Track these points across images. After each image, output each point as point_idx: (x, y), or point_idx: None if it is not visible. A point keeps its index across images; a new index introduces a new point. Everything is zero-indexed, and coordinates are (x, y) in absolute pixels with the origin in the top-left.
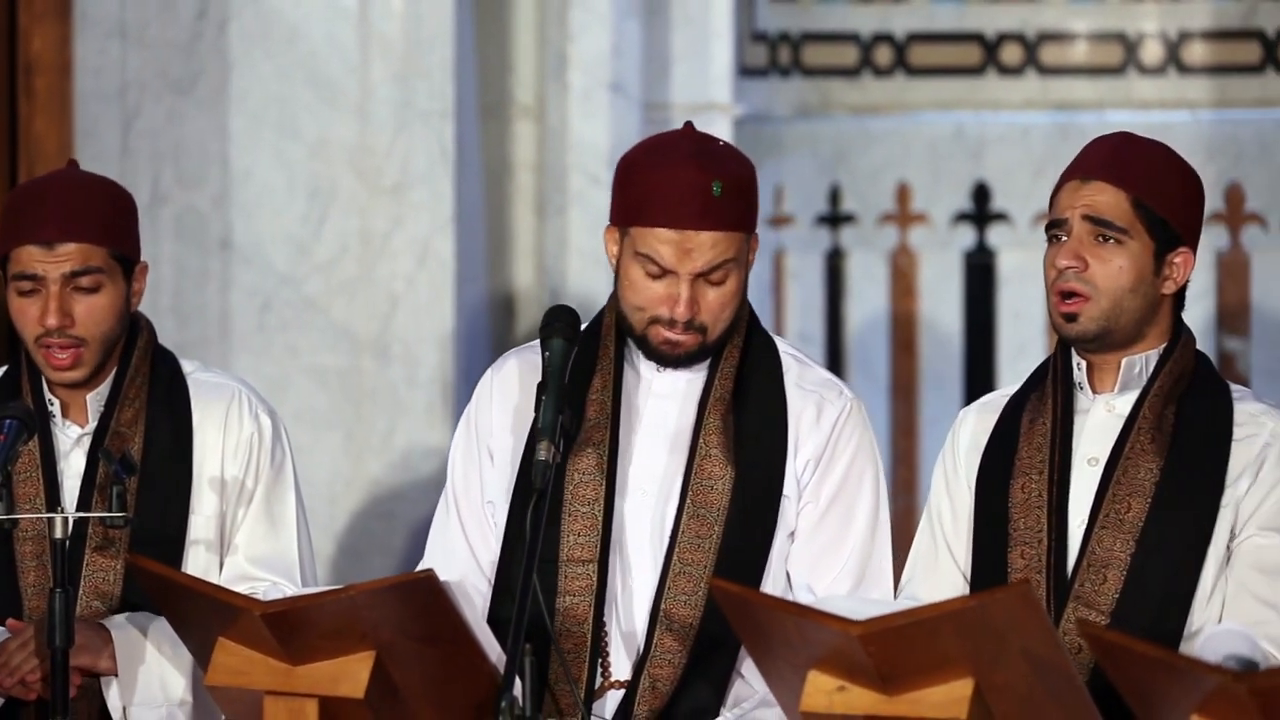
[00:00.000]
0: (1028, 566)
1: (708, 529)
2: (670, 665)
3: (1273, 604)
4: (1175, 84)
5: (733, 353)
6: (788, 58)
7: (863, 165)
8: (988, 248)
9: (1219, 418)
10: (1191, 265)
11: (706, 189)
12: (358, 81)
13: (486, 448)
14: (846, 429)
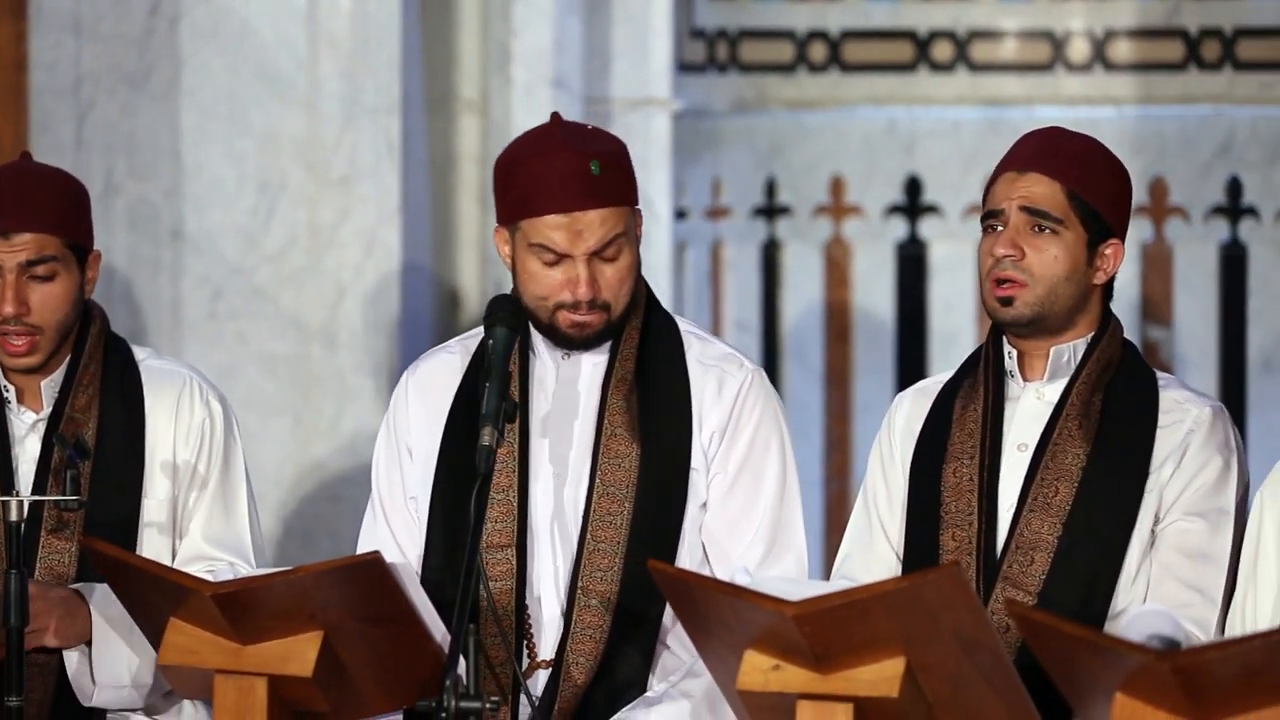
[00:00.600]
0: (958, 548)
1: (618, 506)
2: (592, 641)
3: (1195, 586)
4: (1101, 81)
5: (632, 334)
6: (725, 54)
7: (798, 159)
8: (919, 239)
9: (1145, 405)
10: (1121, 256)
11: (585, 169)
12: (306, 77)
13: (405, 446)
14: (749, 400)
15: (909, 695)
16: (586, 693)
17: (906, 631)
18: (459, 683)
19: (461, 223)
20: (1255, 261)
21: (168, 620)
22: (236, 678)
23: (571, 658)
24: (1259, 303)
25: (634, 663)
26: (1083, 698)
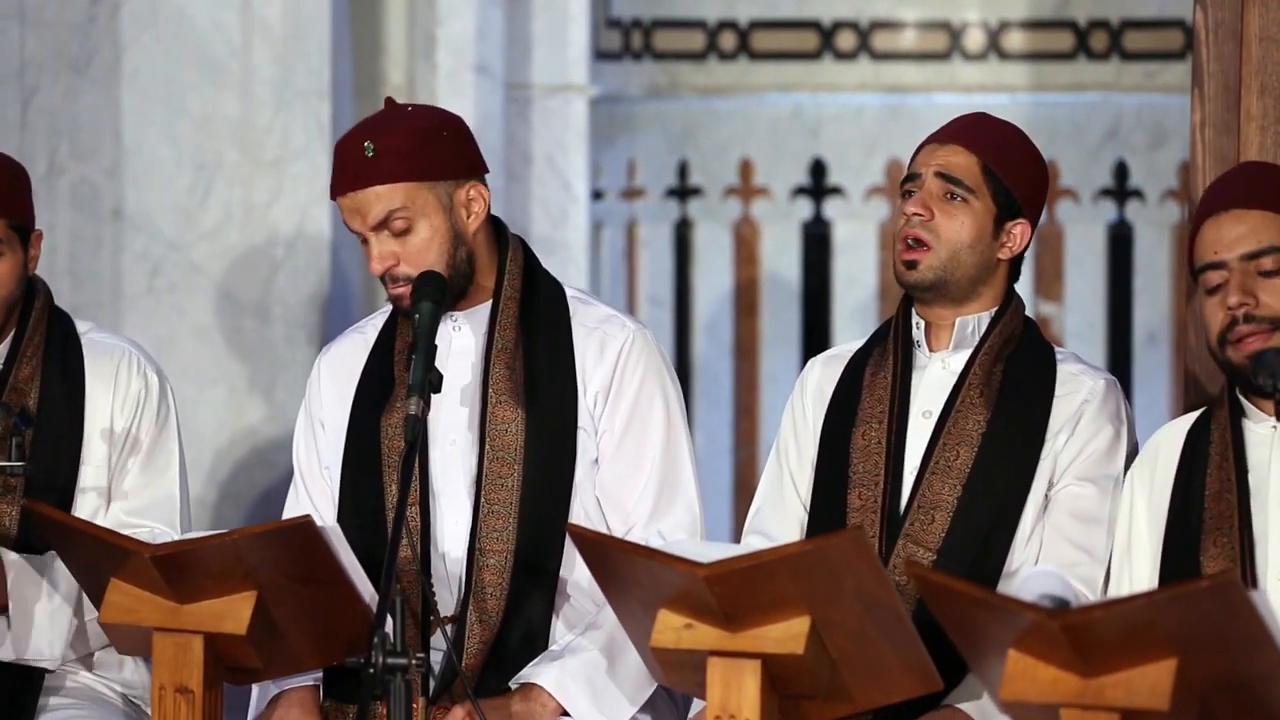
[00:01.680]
0: (864, 506)
1: (508, 469)
2: (493, 598)
3: (1085, 548)
4: (995, 69)
5: (509, 305)
6: (639, 42)
7: (709, 142)
8: (824, 219)
9: (1042, 376)
10: (1028, 237)
11: (360, 151)
12: (240, 63)
13: (319, 420)
14: (631, 359)
15: (814, 652)
16: (493, 646)
17: (811, 592)
18: (386, 640)
19: None
20: (1141, 241)
21: (108, 580)
22: (174, 635)
23: (474, 615)
24: (1144, 280)
25: (535, 617)
26: (978, 653)
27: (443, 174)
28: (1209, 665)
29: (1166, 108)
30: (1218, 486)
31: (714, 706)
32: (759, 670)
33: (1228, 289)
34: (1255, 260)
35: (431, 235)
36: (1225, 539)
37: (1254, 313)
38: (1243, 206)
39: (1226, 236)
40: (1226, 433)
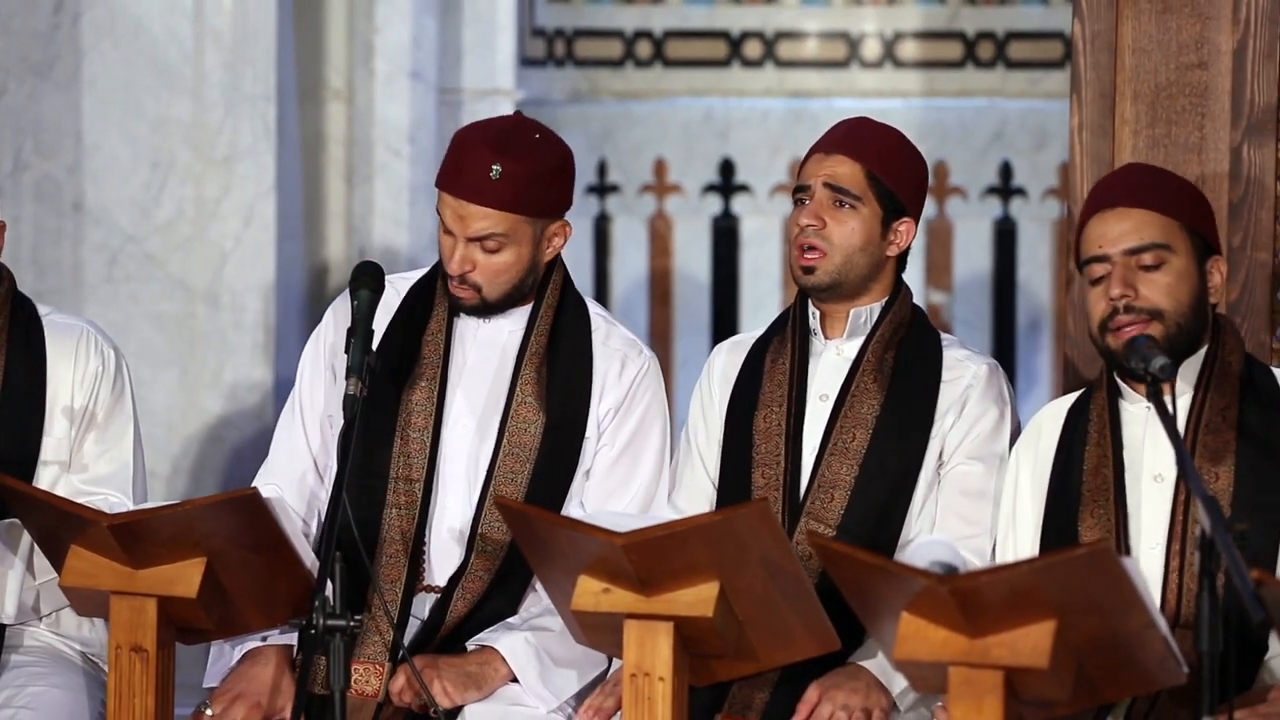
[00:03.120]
0: (767, 485)
1: (520, 465)
2: (480, 580)
3: (973, 520)
4: (891, 76)
5: (548, 312)
6: (562, 50)
7: (626, 143)
8: (732, 214)
9: (930, 362)
10: (913, 233)
11: (486, 170)
12: (193, 68)
13: (331, 366)
14: (643, 385)
15: (722, 615)
16: (463, 619)
17: (720, 559)
18: (326, 603)
19: (330, 198)
20: (1024, 235)
21: (69, 547)
22: (129, 598)
23: (460, 591)
24: (1026, 271)
25: (507, 599)
26: (874, 617)
27: (546, 213)
28: (1085, 626)
29: (1048, 113)
30: (1095, 462)
31: (630, 665)
32: (671, 631)
33: (1110, 281)
34: (1137, 255)
35: (514, 262)
36: (1102, 510)
37: (1133, 304)
38: (1128, 205)
39: (1111, 232)
40: (1104, 413)
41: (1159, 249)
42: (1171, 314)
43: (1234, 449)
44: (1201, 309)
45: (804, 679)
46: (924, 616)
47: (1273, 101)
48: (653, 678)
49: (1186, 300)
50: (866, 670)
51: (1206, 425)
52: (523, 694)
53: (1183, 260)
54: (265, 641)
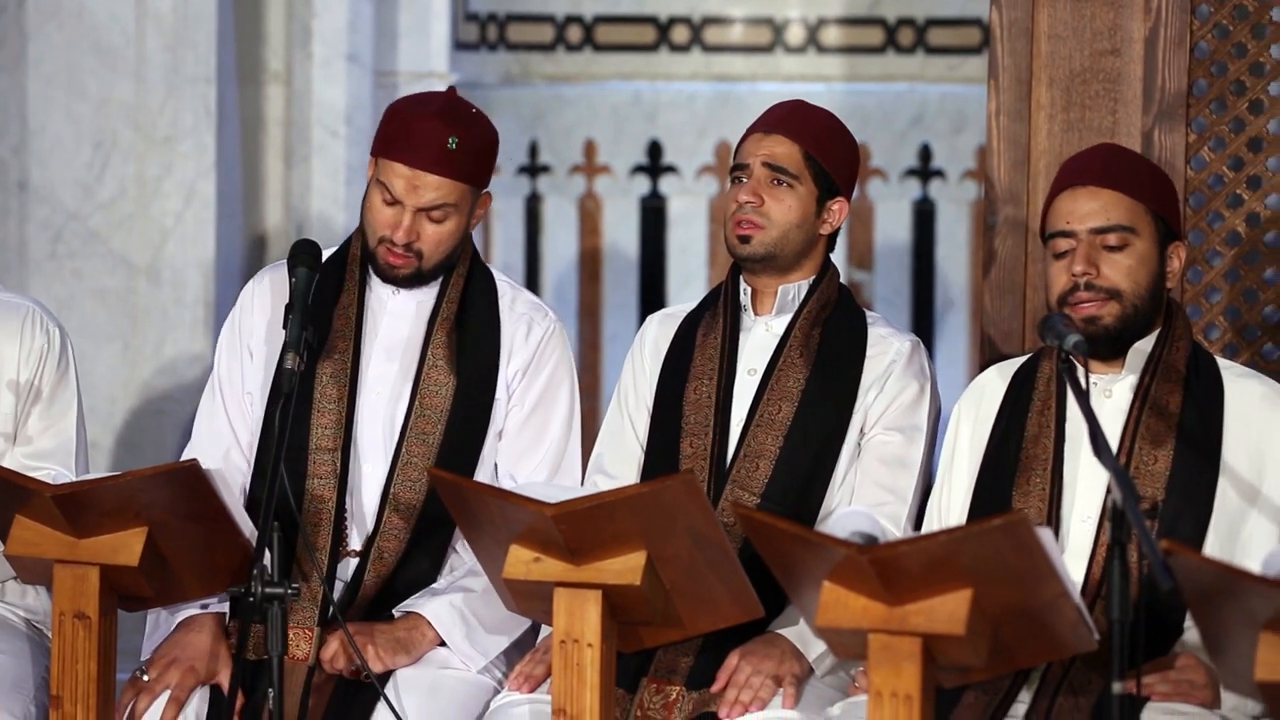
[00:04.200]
0: (694, 454)
1: (431, 427)
2: (396, 539)
3: (891, 489)
4: (814, 61)
5: (458, 280)
6: (495, 34)
7: (557, 125)
8: (660, 194)
9: (855, 338)
10: (845, 213)
11: (444, 141)
12: (135, 51)
13: (247, 346)
14: (550, 346)
15: (649, 583)
16: (387, 581)
17: (647, 529)
18: (264, 572)
19: (268, 177)
20: (942, 216)
21: (14, 517)
22: (73, 566)
23: (376, 551)
24: (945, 251)
25: (427, 561)
26: (796, 585)
27: (484, 183)
28: (1001, 595)
29: (966, 97)
30: (1036, 430)
31: (559, 632)
32: (600, 599)
33: (1074, 257)
34: (1102, 235)
35: (455, 231)
36: (1038, 479)
37: (1094, 282)
38: (1098, 185)
39: (1080, 209)
40: (1052, 382)
41: (1124, 231)
42: (1129, 295)
43: (1174, 434)
44: (1158, 293)
45: (728, 645)
46: (844, 585)
47: (1183, 88)
48: (581, 644)
49: (1145, 283)
50: (784, 638)
51: (1150, 408)
52: (451, 656)
53: (1145, 244)
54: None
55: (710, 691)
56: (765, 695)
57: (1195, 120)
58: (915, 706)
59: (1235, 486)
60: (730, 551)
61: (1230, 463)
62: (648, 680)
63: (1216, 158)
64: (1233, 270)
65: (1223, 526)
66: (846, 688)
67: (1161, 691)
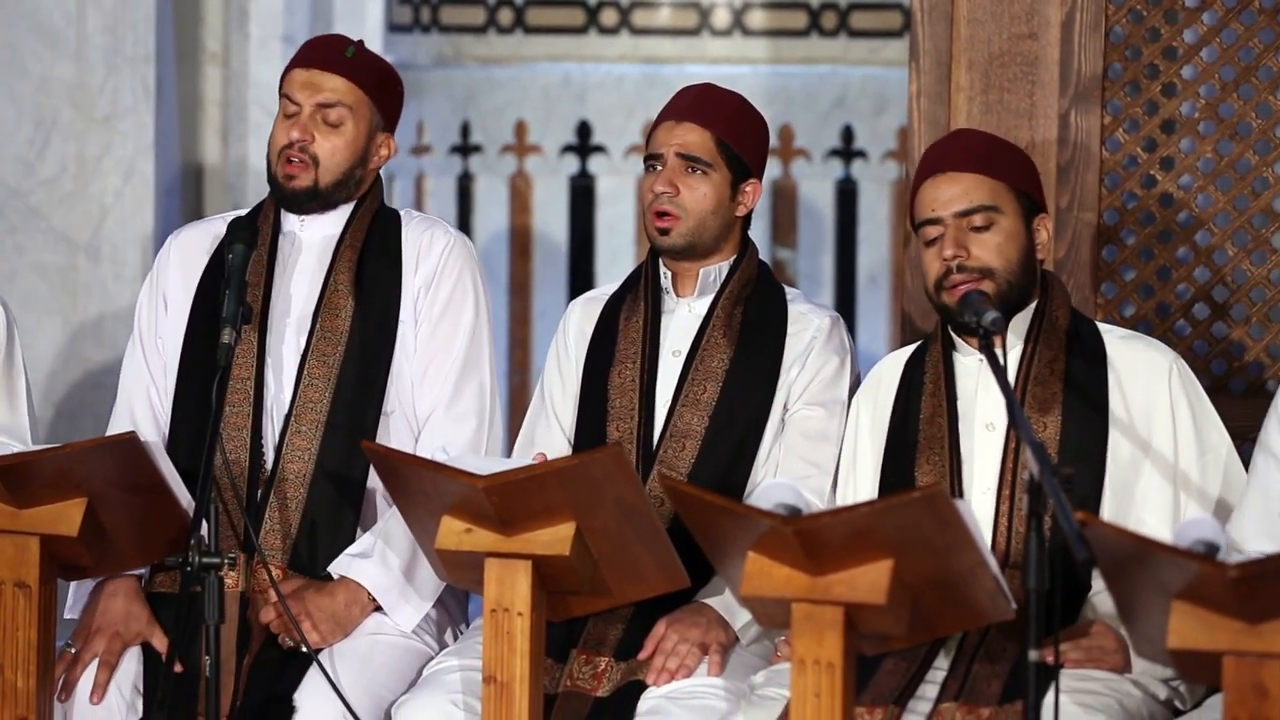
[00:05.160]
0: (621, 438)
1: (332, 348)
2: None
3: (813, 462)
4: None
5: (365, 214)
6: (428, 17)
7: (488, 106)
8: (589, 174)
9: (777, 316)
10: (759, 194)
11: (341, 48)
12: (75, 31)
13: (162, 294)
14: (451, 258)
15: (578, 554)
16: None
17: (577, 501)
18: (202, 542)
19: (206, 156)
20: (864, 195)
21: None
22: (14, 536)
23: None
24: (867, 229)
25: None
26: (721, 556)
27: (384, 111)
28: (921, 565)
29: (887, 79)
30: (931, 411)
31: (490, 601)
32: (530, 569)
33: (943, 242)
34: (967, 217)
35: (349, 144)
36: (937, 457)
37: (965, 263)
38: (957, 169)
39: (943, 196)
40: (939, 365)
41: (988, 210)
42: (1002, 271)
43: (1061, 399)
44: (1030, 265)
45: (655, 615)
46: (769, 555)
47: (1098, 71)
48: (512, 613)
49: (1015, 258)
50: (710, 607)
51: (1035, 377)
52: (384, 622)
53: (1010, 220)
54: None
55: (638, 660)
56: (691, 663)
57: (1110, 103)
58: (837, 674)
59: (1126, 444)
60: (657, 523)
61: (1119, 421)
62: (577, 651)
63: (1131, 139)
64: (1146, 249)
65: (1117, 484)
66: (770, 656)
67: (1075, 658)
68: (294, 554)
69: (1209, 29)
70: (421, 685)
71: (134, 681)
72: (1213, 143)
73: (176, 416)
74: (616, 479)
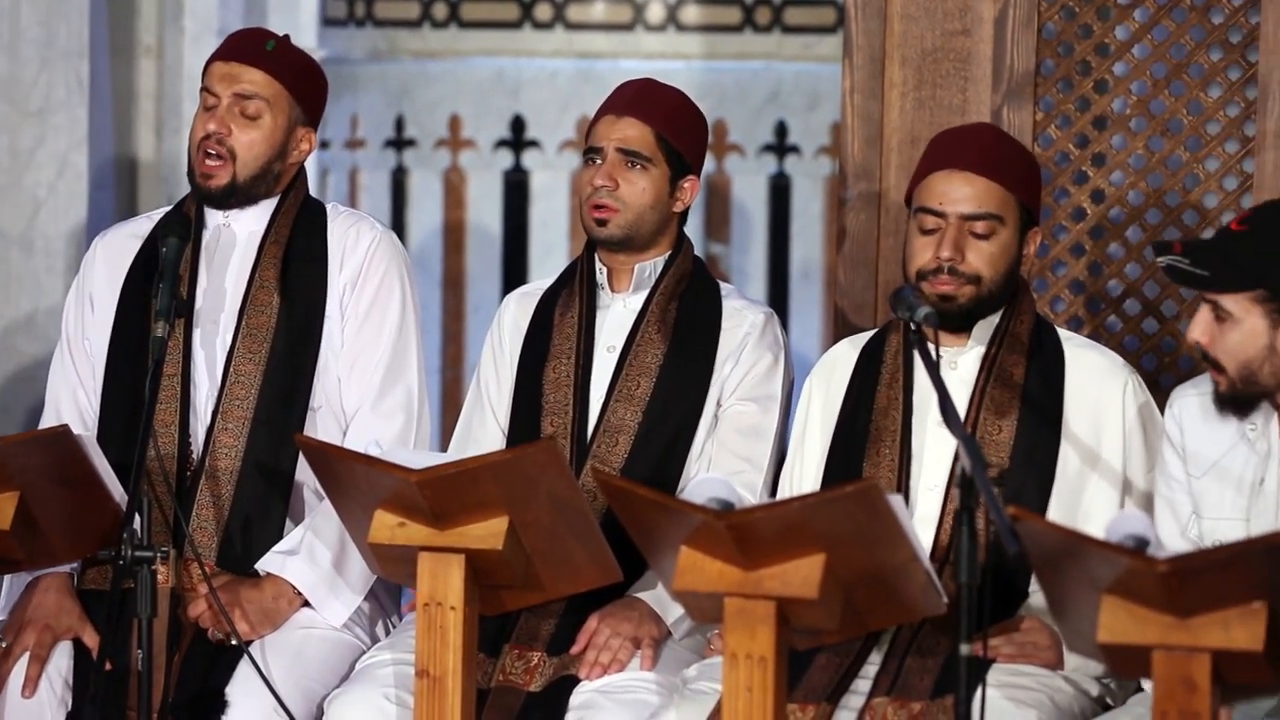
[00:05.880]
0: (556, 432)
1: (259, 345)
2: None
3: (746, 457)
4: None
5: (289, 209)
6: (362, 11)
7: (422, 100)
8: (523, 168)
9: (710, 312)
10: (697, 190)
11: (261, 41)
12: (9, 24)
13: (89, 296)
14: (378, 254)
15: (511, 547)
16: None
17: (510, 495)
18: (134, 536)
19: (140, 149)
20: (798, 191)
21: None
22: None
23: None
24: (800, 225)
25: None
26: (654, 550)
27: (303, 104)
28: (853, 560)
29: (821, 75)
30: (885, 403)
31: (423, 595)
32: (463, 563)
33: (942, 239)
34: (971, 222)
35: (266, 137)
36: (887, 450)
37: (958, 267)
38: (976, 171)
39: (954, 193)
40: (899, 356)
41: (993, 219)
42: (988, 281)
43: (1018, 405)
44: (1013, 276)
45: (588, 610)
46: (701, 550)
47: (1031, 67)
48: (445, 607)
49: (1003, 269)
50: (643, 601)
51: (995, 380)
52: (315, 616)
53: (1009, 232)
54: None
55: (570, 654)
56: (624, 657)
57: (1043, 99)
58: (769, 668)
59: (1076, 454)
60: (590, 516)
61: (1071, 431)
62: (509, 646)
63: (1063, 135)
64: (1078, 245)
65: (1065, 492)
66: (702, 650)
67: (1007, 653)
68: (223, 551)
69: (1141, 26)
70: (354, 679)
71: (65, 676)
72: (1144, 139)
73: (106, 414)
74: (550, 473)
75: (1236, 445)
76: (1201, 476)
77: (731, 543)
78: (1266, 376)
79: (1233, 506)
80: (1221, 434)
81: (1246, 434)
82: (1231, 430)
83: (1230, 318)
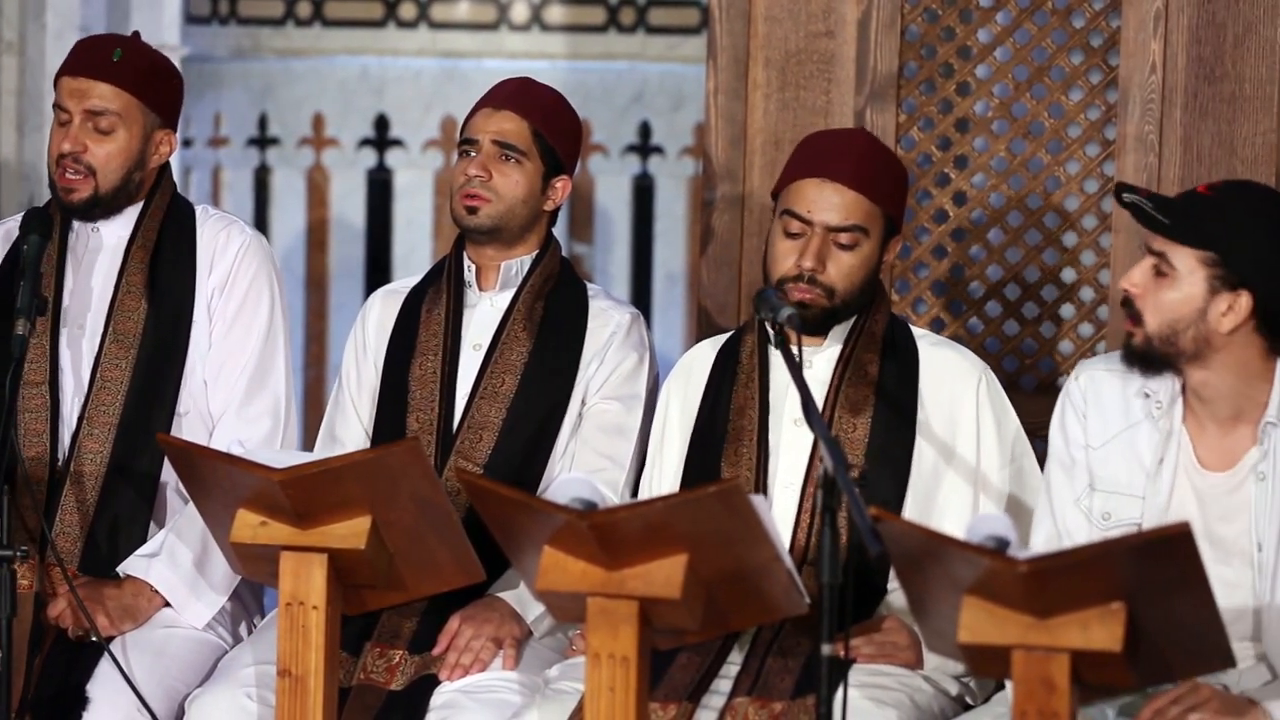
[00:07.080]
0: (420, 428)
1: (125, 352)
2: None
3: (608, 455)
4: (538, 39)
5: (156, 212)
6: (226, 8)
7: (286, 98)
8: (386, 167)
9: (577, 312)
10: (568, 189)
11: (108, 52)
12: None
13: None
14: (247, 258)
15: (374, 547)
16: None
17: (373, 494)
18: None
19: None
20: (661, 191)
21: None
22: None
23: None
24: (664, 225)
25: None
26: (517, 550)
27: (158, 109)
28: (716, 559)
29: (685, 76)
30: (741, 403)
31: (285, 595)
32: (326, 563)
33: (805, 248)
34: (836, 233)
35: (125, 149)
36: (745, 449)
37: (817, 277)
38: (847, 184)
39: (824, 202)
40: (754, 356)
41: (858, 232)
42: (843, 292)
43: (872, 402)
44: (871, 284)
45: (450, 609)
46: (564, 550)
47: (893, 69)
48: (307, 607)
49: (860, 280)
50: (503, 601)
51: (849, 378)
52: (178, 616)
53: (872, 244)
54: None
55: (432, 655)
56: (485, 657)
57: (905, 101)
58: (631, 668)
59: (931, 451)
60: (453, 516)
61: (926, 428)
62: (371, 644)
63: (925, 137)
64: (940, 247)
65: (920, 489)
66: (564, 649)
67: (867, 654)
68: (87, 555)
69: (1003, 29)
70: (216, 678)
71: None
72: (1006, 141)
73: None
74: (413, 473)
75: (1140, 423)
76: (1100, 447)
77: (594, 542)
78: (1187, 341)
79: (1129, 483)
80: (1126, 410)
81: (1151, 412)
82: (1136, 408)
83: (1173, 273)
